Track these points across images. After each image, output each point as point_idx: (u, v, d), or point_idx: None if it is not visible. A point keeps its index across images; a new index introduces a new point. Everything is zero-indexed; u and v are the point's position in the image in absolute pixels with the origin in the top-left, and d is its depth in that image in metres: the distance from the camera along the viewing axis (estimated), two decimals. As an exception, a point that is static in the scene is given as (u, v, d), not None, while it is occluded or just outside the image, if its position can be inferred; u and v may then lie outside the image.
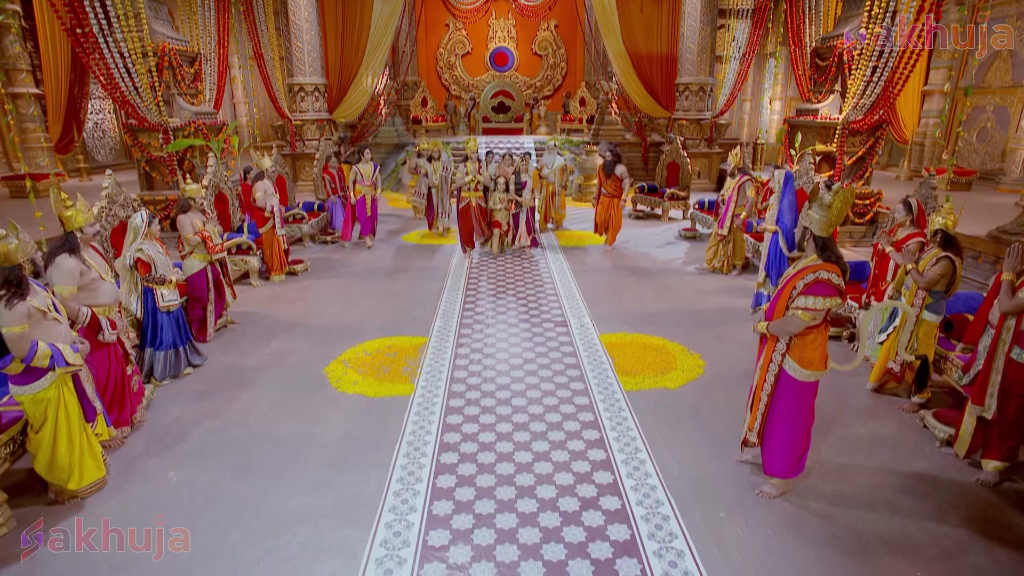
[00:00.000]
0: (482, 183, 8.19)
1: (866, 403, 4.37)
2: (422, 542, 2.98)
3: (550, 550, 2.93)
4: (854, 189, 4.43)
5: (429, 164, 9.55)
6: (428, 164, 9.55)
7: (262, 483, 3.45)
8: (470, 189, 8.15)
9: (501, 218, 8.19)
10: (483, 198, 8.23)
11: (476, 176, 8.13)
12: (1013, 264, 3.25)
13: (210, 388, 4.61)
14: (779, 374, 3.12)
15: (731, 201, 7.14)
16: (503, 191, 8.04)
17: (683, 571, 2.79)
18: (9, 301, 2.95)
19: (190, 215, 5.31)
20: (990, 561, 2.85)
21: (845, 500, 3.29)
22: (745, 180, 7.05)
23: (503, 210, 8.14)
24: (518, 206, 8.21)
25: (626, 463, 3.61)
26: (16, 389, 3.10)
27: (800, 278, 2.98)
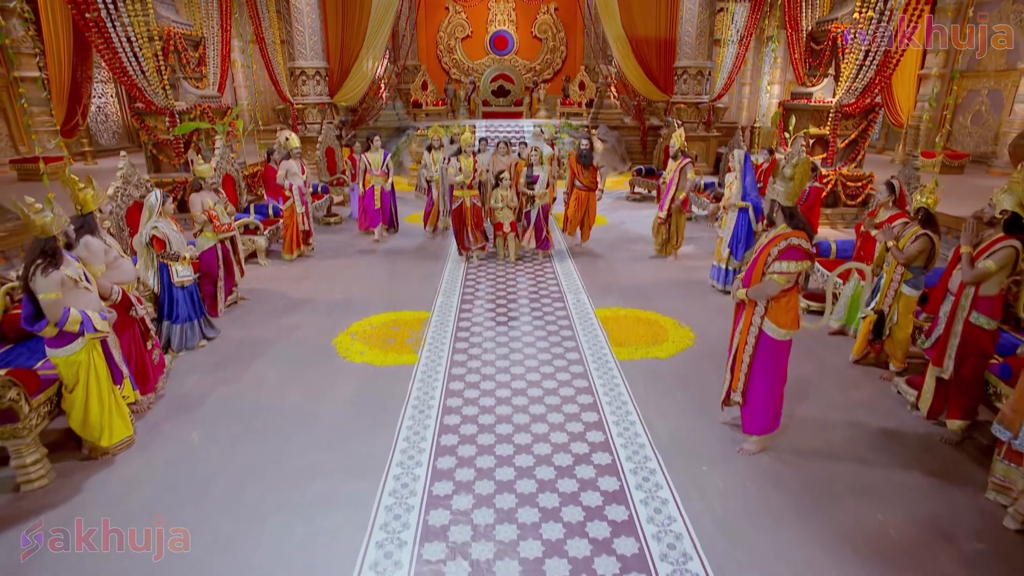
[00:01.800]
0: (478, 179, 7.26)
1: (847, 373, 4.62)
2: (428, 492, 3.25)
3: (544, 499, 3.19)
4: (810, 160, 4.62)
5: (428, 154, 8.70)
6: (427, 154, 8.72)
7: (277, 442, 3.72)
8: (463, 188, 7.15)
9: (503, 219, 7.19)
10: (480, 197, 7.32)
11: (470, 174, 7.09)
12: (968, 238, 3.48)
13: (224, 359, 4.86)
14: (759, 335, 3.36)
15: (672, 184, 7.00)
16: (505, 188, 7.06)
17: (667, 516, 3.06)
18: (45, 269, 3.19)
19: (201, 194, 5.52)
20: (947, 507, 3.11)
21: (819, 454, 3.56)
22: (687, 163, 7.00)
23: (505, 209, 7.14)
24: (530, 202, 7.22)
25: (617, 424, 3.87)
26: (51, 351, 3.35)
27: (774, 245, 3.22)
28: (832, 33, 8.80)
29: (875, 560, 2.77)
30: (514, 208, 7.18)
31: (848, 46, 8.23)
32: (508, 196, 7.09)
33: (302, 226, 7.51)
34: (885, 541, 2.89)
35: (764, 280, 3.26)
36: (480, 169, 7.28)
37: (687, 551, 2.82)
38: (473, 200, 7.20)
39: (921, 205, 4.26)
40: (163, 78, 8.25)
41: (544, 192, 7.12)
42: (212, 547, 2.87)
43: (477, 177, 7.20)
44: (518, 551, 2.83)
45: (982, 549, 2.83)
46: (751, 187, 5.89)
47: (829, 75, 9.23)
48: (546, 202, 7.23)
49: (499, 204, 7.11)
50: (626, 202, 11.20)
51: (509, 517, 3.06)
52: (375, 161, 8.29)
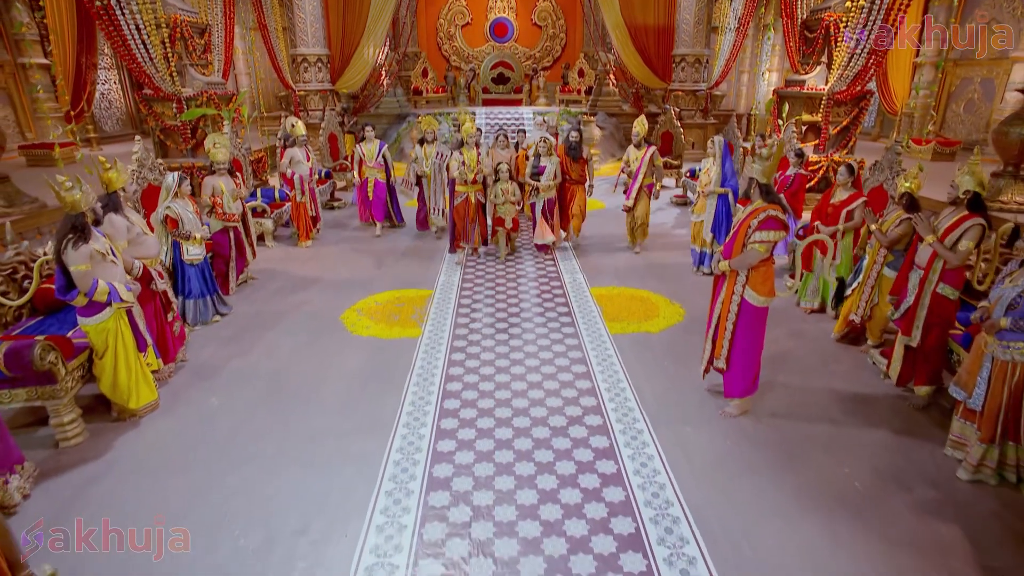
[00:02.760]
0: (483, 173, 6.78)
1: (827, 347, 4.88)
2: (432, 450, 3.53)
3: (540, 455, 3.47)
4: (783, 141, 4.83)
5: (420, 148, 7.92)
6: (418, 148, 7.94)
7: (291, 406, 3.99)
8: (467, 183, 6.69)
9: (505, 214, 6.82)
10: (483, 192, 6.84)
11: (474, 168, 6.63)
12: (926, 229, 3.72)
13: (237, 332, 5.13)
14: (740, 303, 3.63)
15: (639, 172, 6.93)
16: (505, 181, 6.70)
17: (652, 469, 3.34)
18: (75, 243, 3.44)
19: (214, 178, 5.75)
20: (907, 462, 3.40)
21: (794, 416, 3.84)
22: (653, 150, 7.00)
23: (507, 204, 6.77)
24: (535, 193, 6.88)
25: (609, 390, 4.15)
26: (82, 320, 3.62)
27: (753, 218, 3.49)
28: (825, 22, 8.98)
29: (839, 506, 3.05)
30: (516, 202, 6.84)
31: (840, 35, 8.42)
32: (509, 189, 6.73)
33: (310, 212, 7.71)
34: (849, 490, 3.17)
35: (746, 250, 3.52)
36: (485, 161, 6.90)
37: (669, 498, 3.11)
38: (478, 196, 6.79)
39: (905, 190, 4.47)
40: (170, 65, 8.44)
41: (550, 184, 6.79)
42: (233, 495, 3.15)
43: (480, 171, 6.73)
44: (515, 499, 3.11)
45: (935, 496, 3.12)
46: (730, 173, 6.10)
47: (822, 63, 9.42)
48: (552, 195, 6.90)
49: (500, 199, 6.72)
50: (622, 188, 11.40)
51: (507, 470, 3.34)
52: (370, 152, 8.01)
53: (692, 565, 2.69)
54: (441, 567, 2.69)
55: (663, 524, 2.93)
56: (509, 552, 2.77)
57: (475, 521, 2.96)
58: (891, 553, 2.75)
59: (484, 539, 2.85)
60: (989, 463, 3.18)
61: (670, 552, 2.76)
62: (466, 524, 2.94)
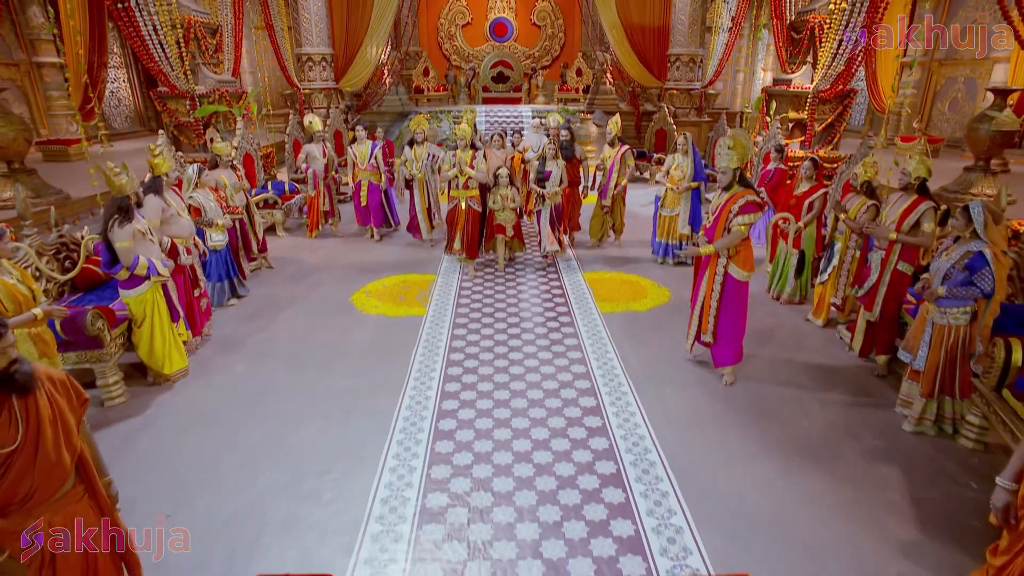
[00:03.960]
0: (476, 179, 6.17)
1: (802, 326, 5.26)
2: (438, 407, 3.94)
3: (534, 412, 3.89)
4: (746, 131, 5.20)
5: (410, 150, 7.19)
6: (408, 150, 7.20)
7: (309, 373, 4.41)
8: (459, 187, 6.19)
9: (504, 221, 6.39)
10: (479, 199, 6.31)
11: (467, 170, 6.11)
12: (884, 231, 4.10)
13: (255, 312, 5.54)
14: (724, 279, 4.04)
15: (612, 171, 6.99)
16: (505, 186, 6.27)
17: (634, 424, 3.76)
18: (120, 223, 3.86)
19: (216, 172, 6.05)
20: (861, 418, 3.82)
21: (764, 381, 4.26)
22: (625, 149, 7.09)
23: (507, 210, 6.34)
24: (541, 201, 6.50)
25: (598, 359, 4.57)
26: (124, 292, 4.04)
27: (734, 203, 3.90)
28: (810, 23, 9.39)
29: (795, 451, 3.48)
30: (516, 208, 6.45)
31: (824, 35, 8.84)
32: (509, 195, 6.31)
33: (323, 207, 7.96)
34: (806, 439, 3.60)
35: (732, 232, 3.92)
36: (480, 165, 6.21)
37: (648, 447, 3.53)
38: (470, 203, 6.21)
39: (865, 178, 4.89)
40: (184, 64, 8.85)
41: (557, 191, 6.37)
42: (263, 444, 3.57)
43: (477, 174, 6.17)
44: (511, 447, 3.53)
45: (881, 444, 3.54)
46: (700, 168, 6.46)
47: (807, 63, 9.83)
48: (558, 201, 6.50)
49: (498, 204, 6.31)
50: (618, 183, 11.81)
51: (505, 423, 3.76)
52: (362, 154, 7.52)
53: (664, 497, 3.11)
54: (446, 499, 3.11)
55: (641, 466, 3.35)
56: (505, 487, 3.18)
57: (476, 464, 3.38)
58: (837, 487, 3.18)
59: (483, 477, 3.27)
60: (929, 416, 3.60)
61: (646, 488, 3.18)
62: (468, 467, 3.36)
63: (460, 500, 3.10)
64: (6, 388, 1.77)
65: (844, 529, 2.90)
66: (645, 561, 2.70)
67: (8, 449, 1.74)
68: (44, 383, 1.87)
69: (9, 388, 1.77)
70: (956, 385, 3.49)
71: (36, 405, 1.81)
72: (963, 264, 3.33)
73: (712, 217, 4.10)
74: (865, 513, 3.00)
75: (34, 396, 1.81)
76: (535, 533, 2.87)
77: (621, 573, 2.64)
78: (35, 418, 1.79)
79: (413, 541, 2.83)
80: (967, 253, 3.33)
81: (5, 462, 1.74)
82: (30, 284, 3.25)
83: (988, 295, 3.30)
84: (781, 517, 2.98)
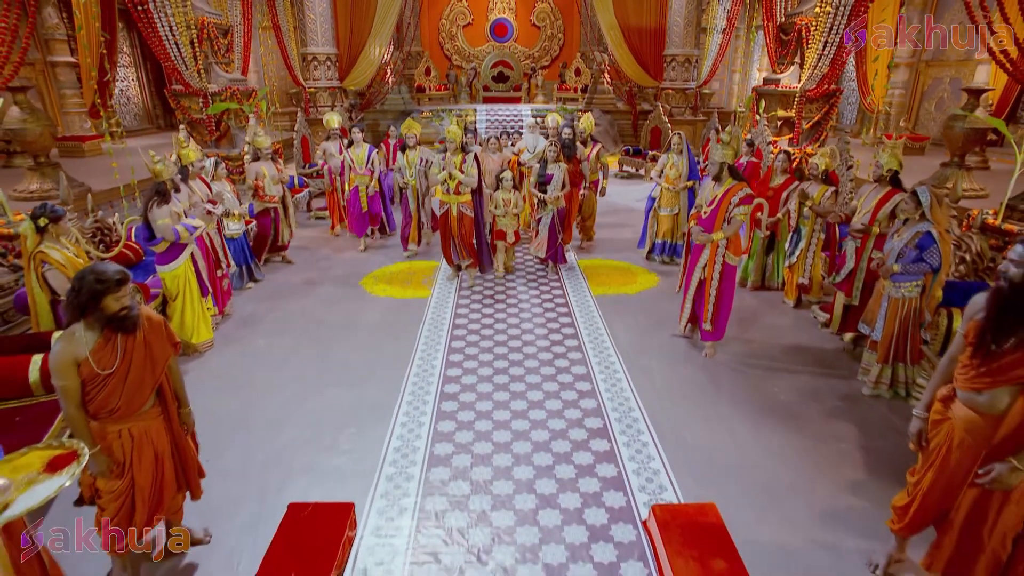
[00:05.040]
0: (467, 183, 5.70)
1: (777, 307, 5.68)
2: (443, 374, 4.35)
3: (530, 378, 4.30)
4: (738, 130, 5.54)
5: (402, 155, 6.82)
6: (400, 155, 6.84)
7: (326, 344, 4.82)
8: (449, 192, 5.74)
9: (505, 227, 6.08)
10: (471, 204, 5.85)
11: (457, 174, 5.63)
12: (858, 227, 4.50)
13: (273, 293, 5.95)
14: (722, 266, 4.43)
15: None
16: (507, 190, 5.98)
17: (620, 389, 4.16)
18: (159, 204, 4.28)
19: (257, 164, 6.40)
20: (826, 385, 4.22)
21: (741, 355, 4.66)
22: (599, 148, 7.15)
23: (508, 216, 6.04)
24: (542, 206, 6.15)
25: (589, 335, 4.98)
26: (160, 268, 4.45)
27: (733, 195, 4.27)
28: (797, 25, 9.79)
29: (763, 411, 3.88)
30: (518, 214, 6.20)
31: (811, 37, 9.24)
32: (511, 200, 6.01)
33: (342, 202, 8.00)
34: (774, 401, 4.00)
35: (733, 221, 4.30)
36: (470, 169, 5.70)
37: (632, 407, 3.93)
38: (462, 208, 5.80)
39: (824, 168, 5.30)
40: (197, 63, 9.25)
41: (559, 195, 6.09)
42: (285, 405, 3.97)
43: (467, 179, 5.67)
44: (510, 406, 3.94)
45: (841, 406, 3.95)
46: (694, 166, 6.68)
47: (795, 63, 10.24)
48: (561, 205, 6.20)
49: (500, 210, 6.06)
50: (615, 179, 12.22)
51: (503, 389, 4.16)
52: (358, 158, 7.06)
53: (645, 447, 3.51)
54: (451, 447, 3.52)
55: (625, 422, 3.76)
56: (503, 438, 3.59)
57: (477, 421, 3.79)
58: (798, 439, 3.58)
59: (484, 431, 3.67)
60: (884, 380, 4.00)
61: (629, 439, 3.58)
62: (471, 423, 3.77)
63: (464, 448, 3.51)
64: (116, 326, 2.19)
65: (802, 472, 3.31)
66: (626, 496, 3.11)
67: (107, 372, 2.16)
68: (144, 324, 2.30)
69: (118, 327, 2.20)
70: (908, 352, 3.89)
71: (134, 342, 2.26)
72: (914, 243, 3.73)
73: (710, 209, 4.45)
74: (821, 459, 3.41)
75: (134, 334, 2.24)
76: (529, 474, 3.28)
77: (604, 504, 3.05)
78: (130, 352, 2.24)
79: (423, 480, 3.24)
80: (917, 233, 3.72)
81: (103, 381, 2.17)
82: (84, 259, 3.66)
83: (936, 269, 3.71)
84: (746, 463, 3.38)
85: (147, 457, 2.43)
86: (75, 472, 1.89)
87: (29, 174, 7.25)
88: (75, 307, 2.21)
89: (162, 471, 2.49)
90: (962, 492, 2.35)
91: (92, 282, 2.17)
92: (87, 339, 2.23)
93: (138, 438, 2.39)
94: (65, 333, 2.25)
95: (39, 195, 6.91)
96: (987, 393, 2.22)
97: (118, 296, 2.19)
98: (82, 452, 1.98)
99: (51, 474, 1.91)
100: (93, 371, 2.22)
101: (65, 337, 2.24)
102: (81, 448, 2.00)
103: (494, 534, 2.86)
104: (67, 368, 2.20)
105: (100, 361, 2.22)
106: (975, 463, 2.30)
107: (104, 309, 2.20)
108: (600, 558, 2.72)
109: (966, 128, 7.57)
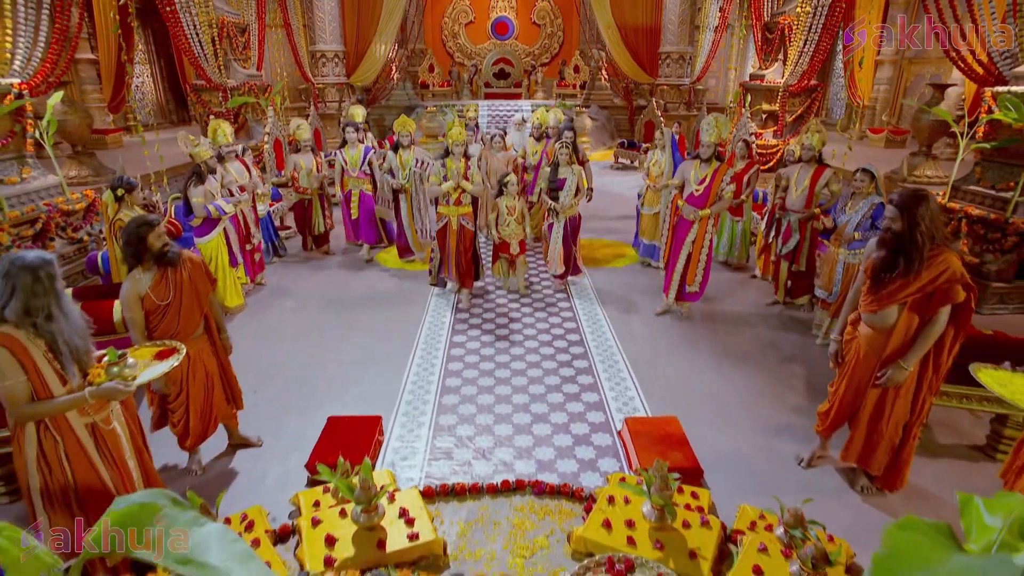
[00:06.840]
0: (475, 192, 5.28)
1: (748, 283, 6.28)
2: (452, 329, 4.98)
3: (527, 331, 4.93)
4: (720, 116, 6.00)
5: (395, 156, 6.13)
6: (392, 156, 6.15)
7: (347, 308, 5.45)
8: (449, 203, 5.24)
9: (510, 236, 5.55)
10: (472, 216, 5.42)
11: (465, 184, 5.16)
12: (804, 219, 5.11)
13: (298, 267, 6.59)
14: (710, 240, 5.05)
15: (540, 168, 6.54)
16: (511, 196, 5.48)
17: (605, 339, 4.80)
18: (195, 183, 4.92)
19: (297, 156, 6.81)
20: (784, 339, 4.86)
21: (712, 315, 5.30)
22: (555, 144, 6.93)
23: (513, 225, 5.51)
24: (553, 214, 5.59)
25: (580, 299, 5.62)
26: (198, 240, 5.09)
27: (723, 175, 4.86)
28: (781, 24, 10.41)
29: (726, 355, 4.53)
30: (523, 222, 5.66)
31: (793, 35, 9.86)
32: (516, 206, 5.53)
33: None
34: (737, 349, 4.64)
35: (723, 198, 4.87)
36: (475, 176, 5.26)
37: (615, 355, 4.56)
38: (462, 221, 5.30)
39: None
40: (218, 59, 9.89)
41: (572, 203, 5.53)
42: (313, 357, 4.60)
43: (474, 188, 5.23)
44: (509, 352, 4.57)
45: (795, 353, 4.58)
46: (678, 163, 7.06)
47: (779, 60, 10.85)
48: (574, 214, 5.63)
49: (504, 218, 5.51)
50: (610, 170, 12.89)
51: (503, 339, 4.80)
52: (352, 159, 6.55)
53: (623, 380, 4.16)
54: (459, 381, 4.16)
55: (607, 362, 4.40)
56: (503, 374, 4.23)
57: (482, 363, 4.43)
58: (755, 377, 4.23)
59: (488, 369, 4.31)
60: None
61: (610, 375, 4.23)
62: (476, 363, 4.41)
63: (471, 383, 4.15)
64: (162, 262, 2.83)
65: (753, 399, 3.95)
66: (605, 415, 3.75)
67: (165, 302, 2.85)
68: (186, 263, 2.94)
69: (163, 262, 2.85)
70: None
71: (180, 276, 2.92)
72: (869, 215, 4.36)
73: (703, 188, 5.01)
74: (771, 391, 4.05)
75: (179, 270, 2.90)
76: (525, 399, 3.93)
77: (587, 420, 3.69)
78: (179, 285, 2.91)
79: (436, 404, 3.88)
80: (872, 205, 4.35)
81: (163, 310, 2.86)
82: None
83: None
84: (706, 391, 4.03)
85: (199, 374, 3.10)
86: (178, 359, 2.54)
87: (68, 161, 7.89)
88: (131, 255, 2.86)
89: (212, 385, 3.16)
90: (866, 394, 2.99)
91: (134, 228, 2.83)
92: (145, 279, 2.87)
93: (193, 358, 3.04)
94: (130, 275, 2.91)
95: (78, 180, 7.57)
96: (880, 313, 2.85)
97: (158, 233, 2.85)
98: (180, 347, 2.63)
99: (160, 361, 2.57)
100: (154, 303, 2.87)
101: (130, 278, 2.90)
102: (179, 344, 2.65)
103: (496, 440, 3.50)
104: (134, 302, 2.85)
105: (158, 294, 2.88)
106: (875, 369, 2.93)
107: (151, 247, 2.84)
108: (582, 456, 3.36)
109: (931, 120, 8.18)
